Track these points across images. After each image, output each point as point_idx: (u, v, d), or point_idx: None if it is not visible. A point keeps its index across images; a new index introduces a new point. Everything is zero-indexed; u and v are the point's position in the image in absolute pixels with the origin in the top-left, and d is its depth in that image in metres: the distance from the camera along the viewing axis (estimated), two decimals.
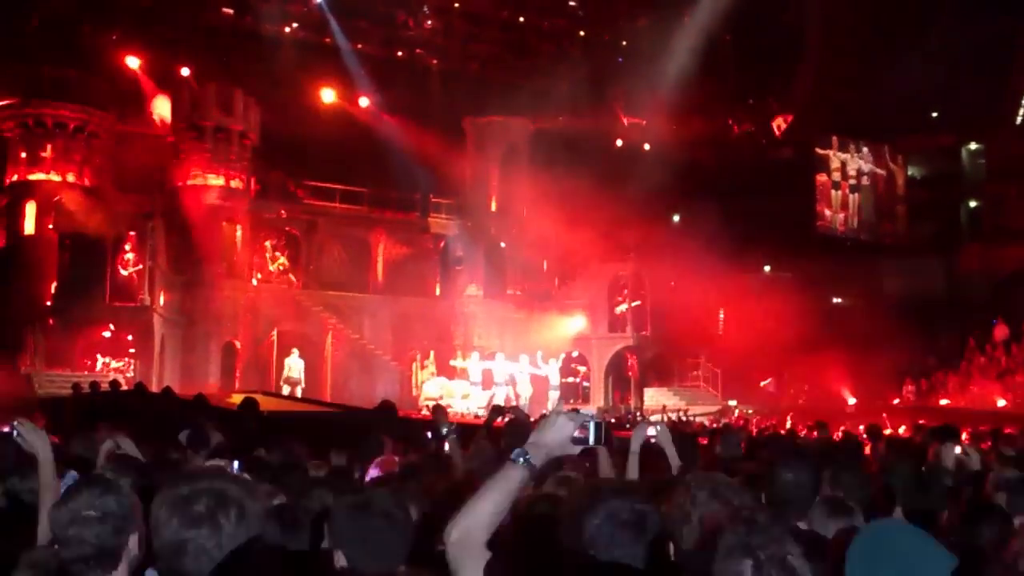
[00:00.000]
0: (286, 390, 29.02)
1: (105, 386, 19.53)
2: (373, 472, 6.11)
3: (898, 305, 35.86)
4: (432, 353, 32.80)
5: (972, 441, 10.58)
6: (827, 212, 40.58)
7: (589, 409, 27.70)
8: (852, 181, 41.06)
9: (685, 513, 3.14)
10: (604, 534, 2.84)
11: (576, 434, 2.90)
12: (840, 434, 14.41)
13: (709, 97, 40.49)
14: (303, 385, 30.20)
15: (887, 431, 17.02)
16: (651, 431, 5.54)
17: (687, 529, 3.12)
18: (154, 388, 22.44)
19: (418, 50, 40.35)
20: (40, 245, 32.11)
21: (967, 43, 33.90)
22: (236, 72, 34.95)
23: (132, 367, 28.42)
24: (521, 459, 2.78)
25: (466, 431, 10.28)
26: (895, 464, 5.17)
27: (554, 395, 31.78)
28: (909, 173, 42.85)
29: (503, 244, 38.97)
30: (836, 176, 40.72)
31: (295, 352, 30.82)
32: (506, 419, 7.89)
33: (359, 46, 38.90)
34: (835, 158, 40.67)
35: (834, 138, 40.54)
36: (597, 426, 2.99)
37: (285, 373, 30.25)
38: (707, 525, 2.99)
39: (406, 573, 2.96)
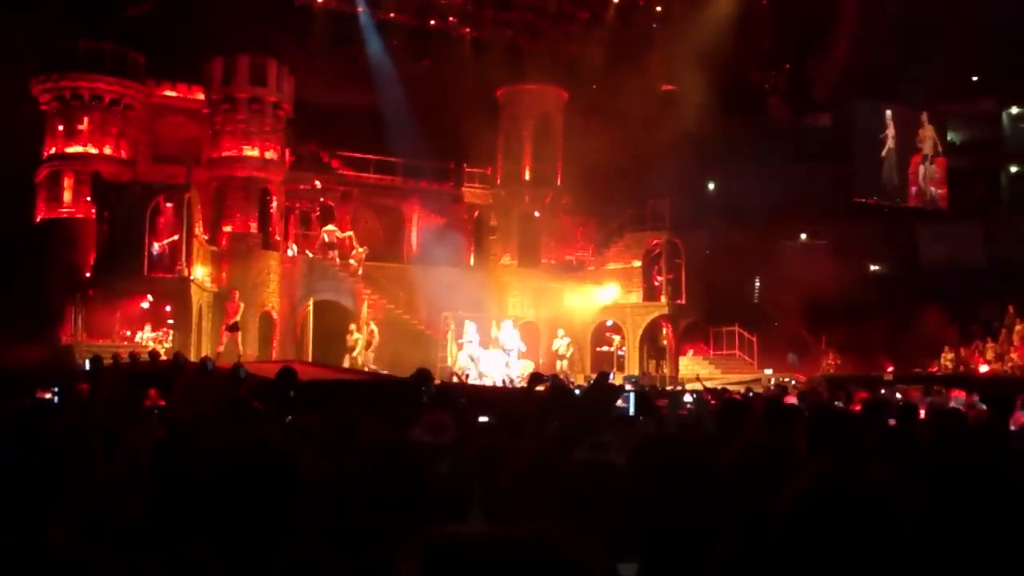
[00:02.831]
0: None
1: (144, 356, 19.73)
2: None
3: (937, 272, 35.50)
4: (466, 322, 32.81)
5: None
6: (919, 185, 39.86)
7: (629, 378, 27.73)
8: (927, 152, 40.27)
9: None
10: None
11: (618, 404, 2.89)
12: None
13: (745, 63, 40.06)
14: (240, 331, 29.67)
15: None
16: (687, 399, 5.59)
17: None
18: (192, 358, 22.65)
19: (451, 18, 40.17)
20: (78, 217, 32.53)
21: (1008, 5, 33.23)
22: (269, 43, 34.98)
23: (170, 337, 28.69)
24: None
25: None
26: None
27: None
28: (949, 138, 42.22)
29: (537, 213, 38.89)
30: (894, 149, 40.04)
31: (236, 294, 30.25)
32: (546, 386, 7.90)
33: (392, 15, 38.79)
34: (925, 133, 39.94)
35: (892, 118, 39.81)
36: (637, 396, 2.98)
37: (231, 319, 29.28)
38: None
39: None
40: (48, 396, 11.70)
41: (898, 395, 18.48)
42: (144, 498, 2.96)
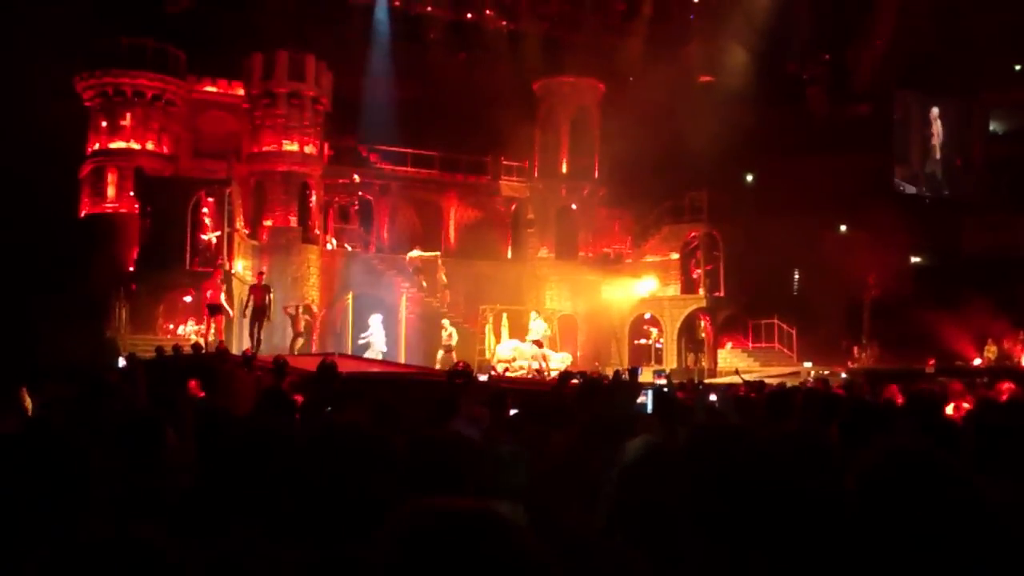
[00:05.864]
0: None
1: (187, 349, 19.97)
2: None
3: (978, 264, 35.05)
4: (504, 315, 32.89)
5: None
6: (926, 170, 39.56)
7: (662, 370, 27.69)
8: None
9: None
10: None
11: (639, 399, 2.93)
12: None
13: (784, 53, 39.74)
14: (232, 314, 28.17)
15: None
16: (712, 397, 5.68)
17: None
18: (235, 351, 22.90)
19: (488, 11, 40.24)
20: (122, 212, 32.97)
21: None
22: (308, 38, 35.24)
23: (212, 330, 28.92)
24: None
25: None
26: None
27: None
28: (991, 128, 41.65)
29: (574, 206, 38.89)
30: (935, 139, 39.73)
31: (220, 275, 28.28)
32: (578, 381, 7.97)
33: (428, 9, 38.95)
34: (935, 119, 39.61)
35: (934, 109, 39.40)
36: (656, 395, 3.01)
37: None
38: None
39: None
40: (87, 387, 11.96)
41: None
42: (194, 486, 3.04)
